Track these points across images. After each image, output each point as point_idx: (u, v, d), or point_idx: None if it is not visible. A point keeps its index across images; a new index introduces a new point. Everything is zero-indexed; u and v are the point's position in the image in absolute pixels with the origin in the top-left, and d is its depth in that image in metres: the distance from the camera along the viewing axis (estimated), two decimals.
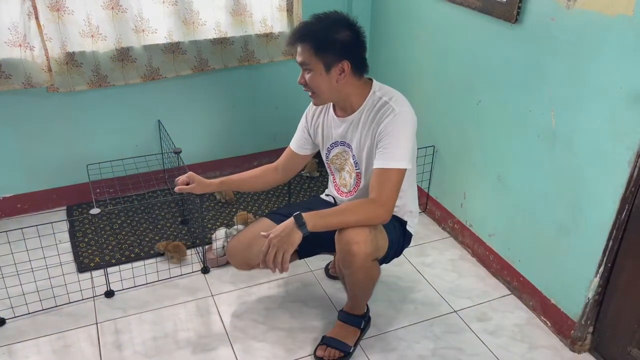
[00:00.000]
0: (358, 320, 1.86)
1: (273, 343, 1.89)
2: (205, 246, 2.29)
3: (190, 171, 1.91)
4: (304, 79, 1.64)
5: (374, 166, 1.62)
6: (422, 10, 2.42)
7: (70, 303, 2.04)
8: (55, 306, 2.02)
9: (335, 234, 1.62)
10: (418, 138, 1.82)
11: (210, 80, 2.72)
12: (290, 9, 2.66)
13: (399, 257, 1.90)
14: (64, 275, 2.05)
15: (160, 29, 2.46)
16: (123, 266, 2.21)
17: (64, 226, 2.47)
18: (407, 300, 2.11)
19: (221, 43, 2.60)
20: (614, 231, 1.68)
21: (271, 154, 2.93)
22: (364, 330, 1.90)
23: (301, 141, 1.90)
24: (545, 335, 1.96)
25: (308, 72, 1.62)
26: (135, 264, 2.22)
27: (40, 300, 2.00)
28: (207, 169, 2.89)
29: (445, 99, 2.38)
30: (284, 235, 1.52)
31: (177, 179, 1.88)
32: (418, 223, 1.95)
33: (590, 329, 1.86)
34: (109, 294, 2.09)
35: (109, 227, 2.49)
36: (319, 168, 2.97)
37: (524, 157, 1.99)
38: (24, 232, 1.89)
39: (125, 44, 2.41)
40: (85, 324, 1.96)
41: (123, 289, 2.12)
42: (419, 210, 2.32)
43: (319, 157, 1.99)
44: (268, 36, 2.67)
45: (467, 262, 2.34)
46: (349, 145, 1.76)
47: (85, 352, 1.84)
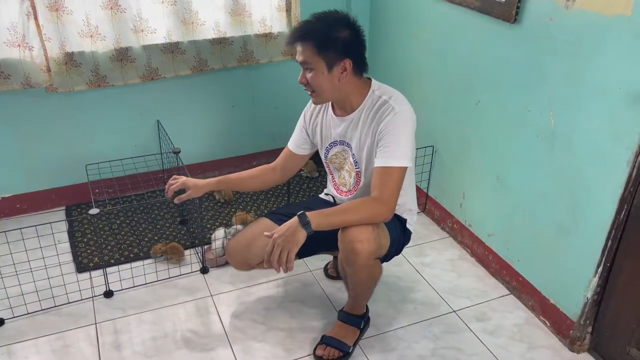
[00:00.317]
0: (358, 320, 1.87)
1: (272, 343, 1.89)
2: (205, 246, 2.29)
3: (188, 172, 1.90)
4: (305, 78, 1.64)
5: (375, 165, 1.62)
6: (421, 10, 2.42)
7: (69, 303, 2.04)
8: (55, 306, 2.02)
9: (339, 233, 1.62)
10: (417, 138, 1.82)
11: (209, 80, 2.72)
12: (289, 9, 2.66)
13: (398, 256, 1.90)
14: (63, 275, 2.05)
15: (159, 29, 2.46)
16: (122, 266, 2.21)
17: (63, 226, 2.47)
18: (407, 300, 2.11)
19: (220, 43, 2.60)
20: (613, 231, 1.68)
21: (270, 154, 2.92)
22: (363, 330, 1.90)
23: (299, 141, 1.90)
24: (545, 335, 1.96)
25: (309, 72, 1.62)
26: (134, 264, 2.22)
27: (40, 301, 2.00)
28: (206, 169, 2.89)
29: (445, 98, 2.38)
30: (289, 234, 1.52)
31: (168, 186, 1.83)
32: (417, 223, 1.95)
33: (589, 329, 1.86)
34: (108, 294, 2.09)
35: (108, 227, 2.49)
36: (318, 168, 2.97)
37: (523, 157, 1.99)
38: (23, 232, 1.89)
39: (124, 44, 2.41)
40: (84, 324, 1.96)
41: (122, 289, 2.12)
42: (418, 210, 2.32)
43: (315, 159, 1.98)
44: (267, 36, 2.67)
45: (467, 262, 2.34)
46: (348, 145, 1.76)
47: (84, 352, 1.84)
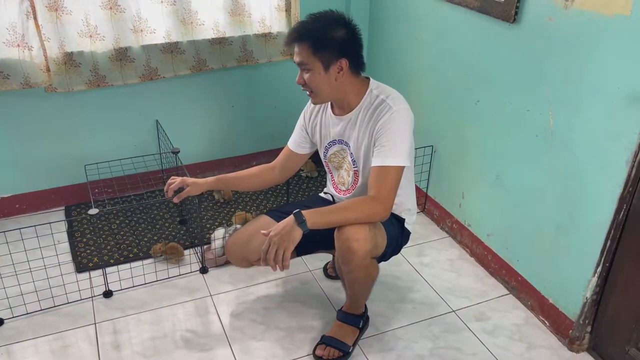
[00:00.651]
0: (356, 319, 1.87)
1: (271, 343, 1.89)
2: (204, 246, 2.29)
3: (187, 172, 1.90)
4: (302, 79, 1.65)
5: (372, 164, 1.62)
6: (421, 10, 2.42)
7: (68, 303, 2.04)
8: (54, 306, 2.01)
9: (335, 232, 1.62)
10: (416, 138, 1.82)
11: (208, 80, 2.72)
12: (289, 9, 2.66)
13: (397, 256, 1.91)
14: (62, 275, 2.05)
15: (158, 29, 2.46)
16: (121, 266, 2.21)
17: (63, 226, 2.47)
18: (406, 300, 2.11)
19: (219, 43, 2.60)
20: (612, 231, 1.68)
21: (270, 153, 2.92)
22: (362, 330, 1.90)
23: (299, 140, 1.90)
24: (544, 334, 1.96)
25: (307, 72, 1.62)
26: (133, 264, 2.22)
27: (39, 301, 2.00)
28: (206, 169, 2.89)
29: (444, 98, 2.38)
30: (285, 233, 1.53)
31: (167, 186, 1.84)
32: (416, 223, 1.95)
33: (589, 329, 1.86)
34: (108, 294, 2.09)
35: (108, 227, 2.49)
36: (317, 168, 2.97)
37: (523, 157, 1.99)
38: (22, 233, 1.89)
39: (124, 44, 2.41)
40: (83, 324, 1.96)
41: (121, 289, 2.12)
42: (418, 210, 2.32)
43: (314, 158, 1.98)
44: (266, 36, 2.67)
45: (466, 262, 2.34)
46: (346, 144, 1.76)
47: (83, 352, 1.84)
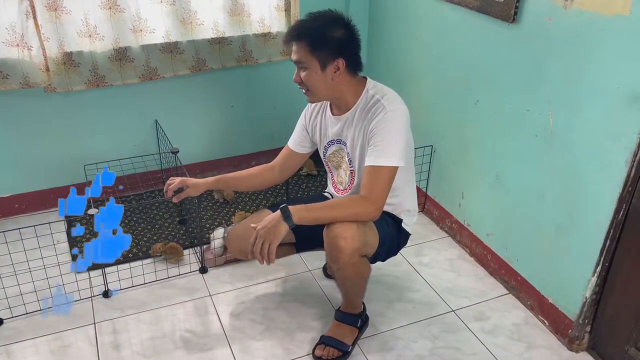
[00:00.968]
0: (354, 319, 1.86)
1: (271, 343, 1.89)
2: (204, 246, 2.29)
3: (187, 172, 1.91)
4: (299, 77, 1.65)
5: (365, 164, 1.63)
6: (420, 9, 2.42)
7: (68, 303, 2.03)
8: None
9: (324, 229, 1.63)
10: (416, 138, 1.82)
11: (208, 80, 2.72)
12: (288, 9, 2.66)
13: (396, 256, 1.91)
14: (61, 275, 2.05)
15: (158, 29, 2.46)
16: (121, 266, 2.20)
17: (62, 226, 2.46)
18: (405, 300, 2.11)
19: (219, 43, 2.60)
20: (612, 230, 1.68)
21: (269, 153, 2.92)
22: (362, 330, 1.90)
23: (299, 139, 1.90)
24: (543, 334, 1.96)
25: (304, 70, 1.63)
26: (133, 264, 2.22)
27: (38, 301, 2.00)
28: (205, 169, 2.89)
29: (443, 98, 2.38)
30: (271, 227, 1.54)
31: (167, 187, 1.86)
32: (416, 223, 1.95)
33: (588, 328, 1.86)
34: (107, 294, 2.09)
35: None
36: (317, 167, 2.97)
37: (522, 157, 1.99)
38: (21, 232, 1.88)
39: (123, 44, 2.41)
40: (83, 324, 1.95)
41: (121, 289, 2.12)
42: (418, 210, 2.32)
43: (314, 158, 1.99)
44: (266, 36, 2.67)
45: (465, 262, 2.34)
46: (344, 143, 1.77)
47: (83, 352, 1.84)
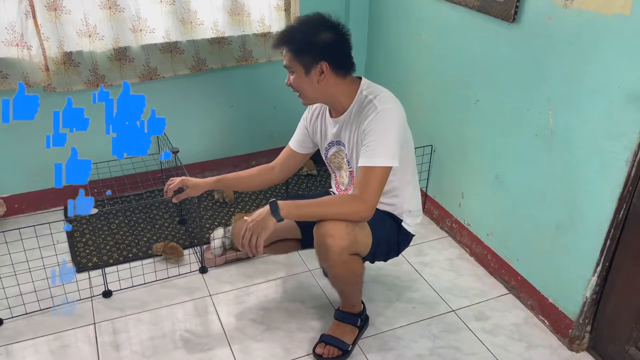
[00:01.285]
0: (354, 318, 1.86)
1: (271, 343, 1.89)
2: (203, 246, 2.29)
3: (187, 172, 1.91)
4: (289, 81, 1.69)
5: (358, 164, 1.63)
6: (420, 9, 2.42)
7: (68, 303, 2.03)
8: (53, 306, 2.01)
9: (314, 227, 1.63)
10: (416, 138, 1.82)
11: (208, 79, 2.72)
12: (288, 9, 2.65)
13: (397, 257, 1.90)
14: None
15: (157, 29, 2.46)
16: (121, 266, 2.20)
17: (62, 226, 2.46)
18: (405, 300, 2.11)
19: (219, 42, 2.59)
20: (612, 230, 1.68)
21: (269, 153, 2.92)
22: (362, 329, 1.90)
23: (301, 139, 1.91)
24: (543, 334, 1.96)
25: (292, 74, 1.67)
26: (133, 264, 2.22)
27: (38, 301, 2.00)
28: (205, 168, 2.89)
29: (443, 98, 2.38)
30: (259, 220, 1.57)
31: (167, 187, 1.87)
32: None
33: (588, 328, 1.86)
34: (107, 294, 2.08)
35: (107, 227, 2.49)
36: (317, 167, 2.97)
37: (522, 157, 1.99)
38: (21, 232, 1.88)
39: (123, 44, 2.40)
40: (83, 324, 1.95)
41: (121, 289, 2.12)
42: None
43: (314, 157, 1.99)
44: (266, 36, 2.67)
45: (465, 262, 2.34)
46: (343, 145, 1.77)
47: (83, 353, 1.84)
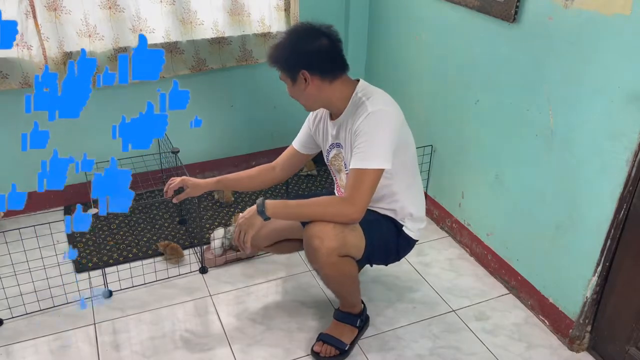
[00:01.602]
0: (353, 318, 1.86)
1: (271, 343, 1.89)
2: (204, 246, 2.29)
3: (187, 172, 1.91)
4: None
5: (350, 166, 1.63)
6: (420, 9, 2.42)
7: (68, 303, 2.03)
8: (53, 306, 2.01)
9: (303, 229, 1.64)
10: (416, 138, 1.82)
11: (208, 80, 2.72)
12: (288, 9, 2.65)
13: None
14: (61, 275, 2.04)
15: (157, 29, 2.46)
16: (121, 266, 2.20)
17: (62, 226, 2.45)
18: (406, 300, 2.11)
19: (219, 43, 2.59)
20: (612, 230, 1.68)
21: (269, 153, 2.92)
22: (362, 330, 1.90)
23: (305, 140, 1.91)
24: (544, 334, 1.96)
25: (287, 85, 1.69)
26: (133, 264, 2.22)
27: (38, 301, 2.00)
28: (205, 168, 2.89)
29: (443, 98, 2.38)
30: (247, 217, 1.62)
31: (167, 187, 1.88)
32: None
33: (589, 328, 1.86)
34: (107, 294, 2.08)
35: (107, 227, 2.49)
36: (317, 167, 2.96)
37: (522, 157, 1.99)
38: (21, 233, 1.88)
39: (123, 44, 2.40)
40: (83, 325, 1.95)
41: (121, 289, 2.12)
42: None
43: (314, 157, 1.99)
44: (266, 36, 2.67)
45: (466, 262, 2.34)
46: (342, 147, 1.77)
47: (83, 353, 1.84)
